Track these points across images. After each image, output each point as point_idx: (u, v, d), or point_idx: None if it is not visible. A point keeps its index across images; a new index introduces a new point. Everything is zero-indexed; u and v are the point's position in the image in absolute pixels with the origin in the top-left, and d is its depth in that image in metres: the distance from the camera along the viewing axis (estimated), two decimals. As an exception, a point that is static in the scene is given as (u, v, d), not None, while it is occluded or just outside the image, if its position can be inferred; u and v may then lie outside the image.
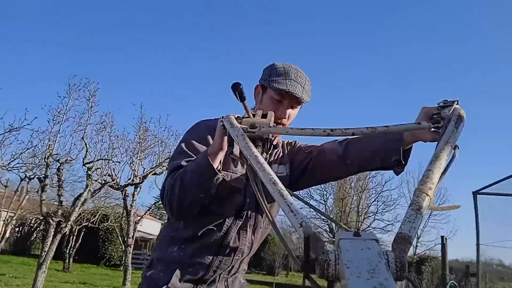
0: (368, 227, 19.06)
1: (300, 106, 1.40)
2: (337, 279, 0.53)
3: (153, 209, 23.14)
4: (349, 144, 1.35)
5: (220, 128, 1.10)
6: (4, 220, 14.84)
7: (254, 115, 1.07)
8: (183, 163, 1.24)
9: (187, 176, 1.17)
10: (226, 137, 1.10)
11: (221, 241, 1.31)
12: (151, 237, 21.95)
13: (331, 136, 0.97)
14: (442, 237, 9.11)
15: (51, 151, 8.04)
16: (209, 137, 1.32)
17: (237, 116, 1.06)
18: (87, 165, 8.06)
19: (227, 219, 1.31)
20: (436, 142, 0.85)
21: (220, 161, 1.20)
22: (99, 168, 9.04)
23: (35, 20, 38.26)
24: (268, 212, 0.85)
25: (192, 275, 1.31)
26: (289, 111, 1.36)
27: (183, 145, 1.33)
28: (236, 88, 1.08)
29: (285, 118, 1.35)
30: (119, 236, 13.45)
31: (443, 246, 8.74)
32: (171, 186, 1.20)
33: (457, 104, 0.95)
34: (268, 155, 1.41)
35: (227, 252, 1.33)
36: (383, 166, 1.27)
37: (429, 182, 0.66)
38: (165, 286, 1.26)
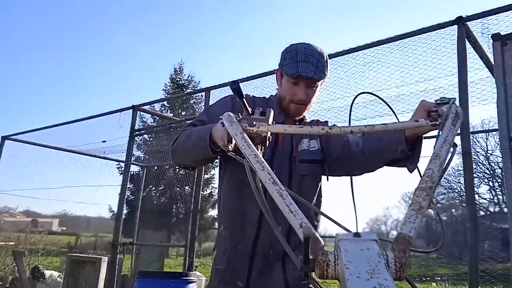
0: None
1: (318, 83, 1.41)
2: (337, 280, 0.53)
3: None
4: (366, 136, 1.38)
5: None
6: None
7: (252, 113, 1.07)
8: (197, 123, 1.40)
9: (190, 138, 1.31)
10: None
11: (259, 214, 1.34)
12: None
13: (329, 135, 0.96)
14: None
15: None
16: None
17: (236, 114, 1.05)
18: None
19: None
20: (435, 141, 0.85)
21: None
22: None
23: None
24: (268, 212, 0.83)
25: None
26: (307, 91, 1.39)
27: (207, 108, 1.55)
28: (234, 86, 1.08)
29: (303, 100, 1.40)
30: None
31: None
32: (179, 136, 1.38)
33: (454, 102, 0.96)
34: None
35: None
36: (395, 158, 1.28)
37: (429, 181, 0.66)
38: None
